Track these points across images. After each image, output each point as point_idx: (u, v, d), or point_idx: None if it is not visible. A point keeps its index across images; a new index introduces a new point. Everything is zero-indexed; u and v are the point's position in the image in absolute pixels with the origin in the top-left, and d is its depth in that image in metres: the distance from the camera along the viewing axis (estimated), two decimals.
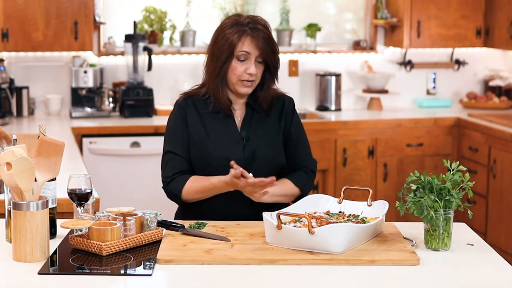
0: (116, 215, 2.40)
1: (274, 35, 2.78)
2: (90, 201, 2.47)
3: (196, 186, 2.70)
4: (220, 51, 2.70)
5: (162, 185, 2.82)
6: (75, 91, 5.27)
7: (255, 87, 2.75)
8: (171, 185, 2.77)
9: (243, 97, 2.79)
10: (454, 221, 2.38)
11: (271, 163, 2.76)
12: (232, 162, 2.56)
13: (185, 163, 2.77)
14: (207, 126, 2.76)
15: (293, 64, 5.74)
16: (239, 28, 2.68)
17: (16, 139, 2.45)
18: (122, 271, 2.17)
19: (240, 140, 2.75)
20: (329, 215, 2.55)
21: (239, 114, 2.80)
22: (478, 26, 5.66)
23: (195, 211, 2.76)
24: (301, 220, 2.42)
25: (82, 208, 2.44)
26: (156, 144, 4.96)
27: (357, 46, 5.83)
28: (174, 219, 2.83)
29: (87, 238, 2.32)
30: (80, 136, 4.89)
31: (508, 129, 4.93)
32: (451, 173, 2.35)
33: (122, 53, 5.44)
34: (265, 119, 2.80)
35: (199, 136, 2.76)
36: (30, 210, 2.19)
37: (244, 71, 2.69)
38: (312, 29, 5.68)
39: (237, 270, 2.18)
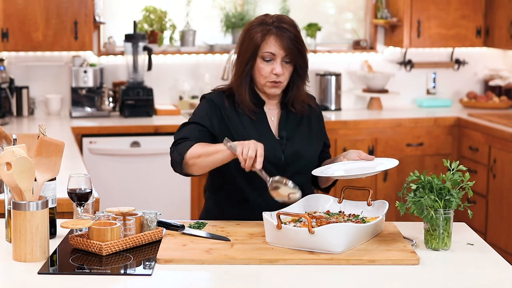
0: (116, 215, 2.40)
1: None
2: (90, 201, 2.47)
3: (201, 149, 2.54)
4: (245, 50, 2.65)
5: (170, 148, 2.67)
6: (75, 91, 5.27)
7: (285, 87, 2.69)
8: (179, 146, 2.61)
9: (274, 98, 2.74)
10: (454, 221, 2.38)
11: (312, 162, 2.71)
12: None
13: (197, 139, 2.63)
14: (244, 124, 2.69)
15: None
16: (264, 27, 2.63)
17: (16, 139, 2.45)
18: (122, 271, 2.17)
19: (278, 141, 2.69)
20: (329, 215, 2.55)
21: (273, 114, 2.74)
22: (478, 26, 5.66)
23: (220, 212, 2.72)
24: (301, 220, 2.42)
25: (82, 208, 2.44)
26: (156, 144, 4.96)
27: (357, 46, 5.83)
28: (200, 219, 2.78)
29: (87, 238, 2.32)
30: (80, 136, 4.89)
31: (508, 128, 4.93)
32: (451, 172, 2.35)
33: (122, 53, 5.44)
34: (302, 120, 2.75)
35: (238, 133, 2.66)
36: (30, 210, 2.19)
37: (271, 71, 2.63)
38: (312, 29, 5.68)
39: (237, 270, 2.18)
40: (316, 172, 2.61)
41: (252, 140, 2.44)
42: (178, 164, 2.59)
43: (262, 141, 2.58)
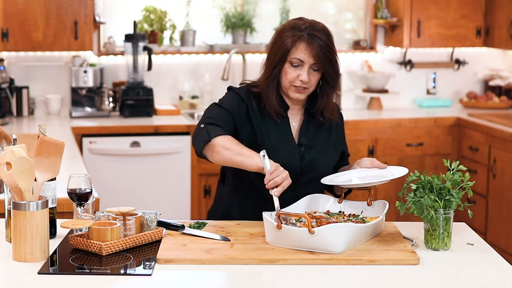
0: (116, 215, 2.40)
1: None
2: (90, 201, 2.47)
3: (233, 144, 2.52)
4: (275, 53, 2.62)
5: (199, 123, 2.62)
6: (75, 91, 5.27)
7: (309, 93, 2.66)
8: (212, 127, 2.57)
9: (298, 103, 2.71)
10: (454, 221, 2.38)
11: (326, 173, 2.67)
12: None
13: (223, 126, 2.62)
14: (267, 127, 2.67)
15: None
16: (295, 33, 2.59)
17: (16, 139, 2.45)
18: (122, 271, 2.17)
19: (297, 147, 2.67)
20: (329, 215, 2.55)
21: (294, 119, 2.72)
22: (478, 26, 5.66)
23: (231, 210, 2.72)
24: (301, 220, 2.42)
25: (82, 208, 2.44)
26: (156, 144, 4.96)
27: (357, 46, 5.83)
28: (208, 218, 2.78)
29: (87, 238, 2.32)
30: (80, 136, 4.89)
31: (508, 128, 4.93)
32: (451, 172, 2.35)
33: (122, 53, 5.44)
34: (322, 129, 2.72)
35: (260, 134, 2.65)
36: (30, 210, 2.19)
37: (297, 77, 2.60)
38: None
39: (237, 270, 2.18)
40: (326, 180, 2.60)
41: (286, 172, 2.42)
42: (202, 142, 2.56)
43: (283, 146, 2.62)
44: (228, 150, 2.52)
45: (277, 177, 2.39)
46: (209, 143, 2.55)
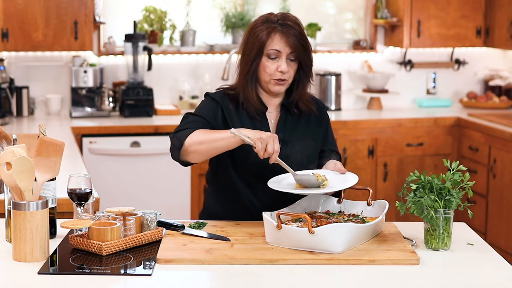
0: (116, 215, 2.40)
1: None
2: (90, 201, 2.48)
3: (203, 135, 2.51)
4: (250, 49, 2.63)
5: (170, 134, 2.64)
6: (75, 91, 5.27)
7: (289, 86, 2.67)
8: (180, 132, 2.57)
9: (277, 96, 2.71)
10: (454, 221, 2.38)
11: (304, 165, 2.66)
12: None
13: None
14: (246, 127, 2.64)
15: None
16: (268, 25, 2.62)
17: (16, 139, 2.45)
18: (122, 271, 2.17)
19: None
20: (329, 215, 2.55)
21: (272, 116, 2.72)
22: (478, 25, 5.66)
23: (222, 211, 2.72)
24: (301, 220, 2.42)
25: (82, 208, 2.44)
26: (156, 144, 4.96)
27: (357, 45, 5.83)
28: (199, 218, 2.78)
29: (87, 238, 2.32)
30: (80, 136, 4.89)
31: (508, 129, 4.93)
32: (451, 172, 2.35)
33: (122, 53, 5.44)
34: (300, 122, 2.72)
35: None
36: (30, 210, 2.19)
37: (276, 69, 2.61)
38: (312, 28, 5.68)
39: (237, 270, 2.18)
40: (271, 183, 2.54)
41: (267, 134, 2.42)
42: (177, 150, 2.56)
43: None
44: (202, 143, 2.51)
45: (268, 146, 2.40)
46: (183, 148, 2.54)
